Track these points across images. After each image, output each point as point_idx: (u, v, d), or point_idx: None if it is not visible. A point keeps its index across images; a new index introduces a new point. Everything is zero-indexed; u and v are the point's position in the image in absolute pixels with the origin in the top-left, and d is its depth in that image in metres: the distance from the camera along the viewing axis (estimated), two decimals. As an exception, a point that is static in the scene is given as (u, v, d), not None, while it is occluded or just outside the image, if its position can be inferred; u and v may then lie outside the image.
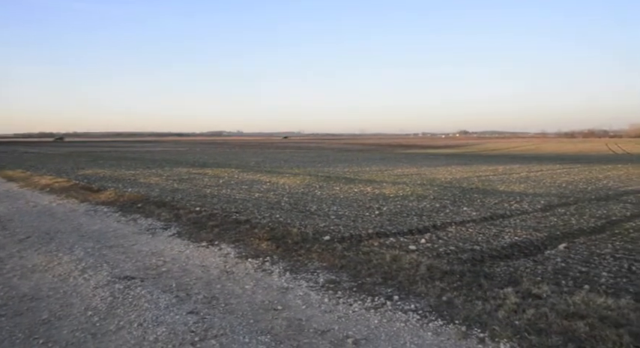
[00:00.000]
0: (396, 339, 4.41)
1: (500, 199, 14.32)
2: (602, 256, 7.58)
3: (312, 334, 4.54)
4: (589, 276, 6.46)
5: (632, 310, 4.86)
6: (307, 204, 12.98)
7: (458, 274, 6.17)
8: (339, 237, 8.52)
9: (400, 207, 12.59)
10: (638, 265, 7.06)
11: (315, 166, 31.45)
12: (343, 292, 5.69)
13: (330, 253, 7.35)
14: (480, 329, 4.53)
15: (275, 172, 24.63)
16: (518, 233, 9.28)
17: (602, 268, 6.92)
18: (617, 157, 60.76)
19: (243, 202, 13.24)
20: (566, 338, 4.27)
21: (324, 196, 14.86)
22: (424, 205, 13.02)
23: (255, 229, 9.28)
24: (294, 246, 7.87)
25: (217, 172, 23.84)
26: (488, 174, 26.62)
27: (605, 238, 9.05)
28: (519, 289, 5.58)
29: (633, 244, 8.52)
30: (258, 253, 7.58)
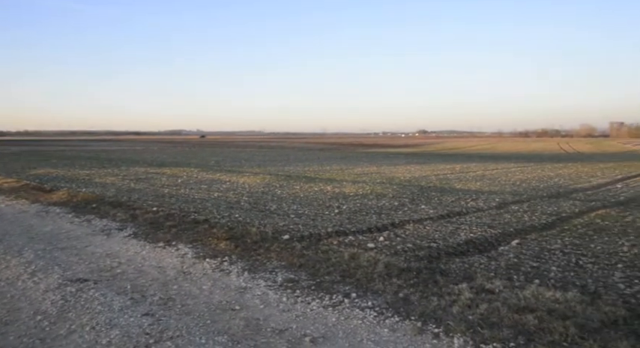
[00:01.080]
0: (353, 336, 4.45)
1: (457, 197, 14.65)
2: (552, 252, 7.87)
3: (270, 333, 4.53)
4: (539, 271, 6.69)
5: (578, 303, 5.07)
6: (267, 203, 12.92)
7: (415, 271, 6.28)
8: (298, 236, 8.53)
9: (360, 205, 12.71)
10: (585, 260, 7.36)
11: (275, 165, 31.35)
12: (302, 290, 5.69)
13: (289, 252, 7.34)
14: (435, 325, 4.62)
15: (235, 172, 24.41)
16: (474, 230, 9.53)
17: (551, 262, 7.18)
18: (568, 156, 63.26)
19: (202, 201, 13.06)
20: (516, 331, 4.42)
21: (284, 195, 14.83)
22: (383, 203, 13.18)
23: (214, 228, 9.17)
24: (253, 245, 7.82)
25: (176, 172, 23.43)
26: (446, 172, 27.19)
27: (555, 234, 9.40)
28: (473, 285, 5.73)
29: (581, 239, 8.88)
30: (217, 253, 7.50)
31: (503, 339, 4.24)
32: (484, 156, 56.63)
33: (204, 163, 32.14)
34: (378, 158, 45.39)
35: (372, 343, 4.30)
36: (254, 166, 29.83)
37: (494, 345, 4.15)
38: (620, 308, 4.99)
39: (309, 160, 39.30)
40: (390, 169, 29.76)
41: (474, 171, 28.79)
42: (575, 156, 64.85)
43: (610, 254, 7.73)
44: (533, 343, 4.16)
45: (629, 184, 22.30)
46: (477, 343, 4.19)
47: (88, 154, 47.79)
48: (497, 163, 37.83)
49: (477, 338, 4.27)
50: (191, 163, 31.52)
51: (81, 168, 26.16)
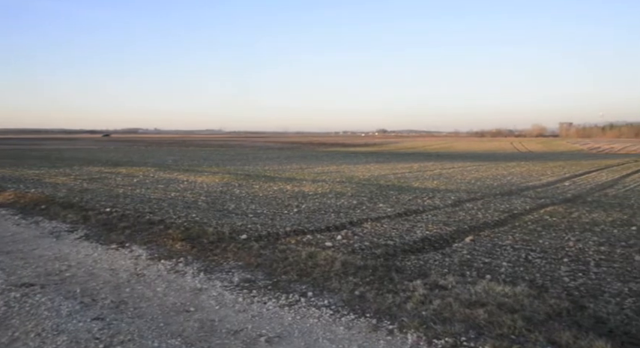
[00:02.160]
0: (309, 335, 4.46)
1: (414, 196, 14.91)
2: (504, 248, 8.12)
3: (225, 334, 4.48)
4: (491, 266, 6.90)
5: (526, 297, 5.26)
6: (225, 203, 12.79)
7: (371, 269, 6.35)
8: (256, 235, 8.48)
9: (319, 204, 12.75)
10: (534, 255, 7.64)
11: (235, 165, 31.06)
12: (258, 290, 5.66)
13: (247, 251, 7.29)
14: (389, 321, 4.69)
15: (193, 171, 24.04)
16: (430, 228, 9.72)
17: (503, 258, 7.41)
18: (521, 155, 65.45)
19: (158, 201, 12.79)
20: (467, 326, 4.53)
21: (243, 194, 14.71)
22: (342, 202, 13.27)
23: (170, 229, 9.00)
24: (210, 246, 7.72)
25: (132, 171, 22.86)
26: (404, 171, 27.62)
27: (507, 230, 9.71)
28: (427, 281, 5.84)
29: (530, 235, 9.20)
30: (172, 253, 7.36)
31: (455, 333, 4.35)
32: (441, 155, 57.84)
33: (161, 163, 31.50)
34: (338, 157, 45.64)
35: (328, 342, 4.32)
36: (213, 166, 29.45)
37: (446, 340, 4.24)
38: (564, 300, 5.21)
39: (269, 159, 39.13)
40: (349, 168, 29.98)
41: (432, 170, 29.37)
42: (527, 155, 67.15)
43: (557, 249, 8.05)
44: (483, 337, 4.28)
45: (576, 181, 23.27)
46: (429, 339, 4.28)
47: (39, 153, 46.01)
48: (453, 162, 38.70)
49: (429, 333, 4.36)
50: (148, 163, 30.83)
51: (29, 168, 25.14)
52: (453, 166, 33.28)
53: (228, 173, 22.89)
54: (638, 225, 10.40)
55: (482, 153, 71.77)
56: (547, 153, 75.69)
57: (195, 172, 23.50)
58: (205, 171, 24.31)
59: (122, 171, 23.02)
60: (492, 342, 4.12)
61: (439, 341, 4.21)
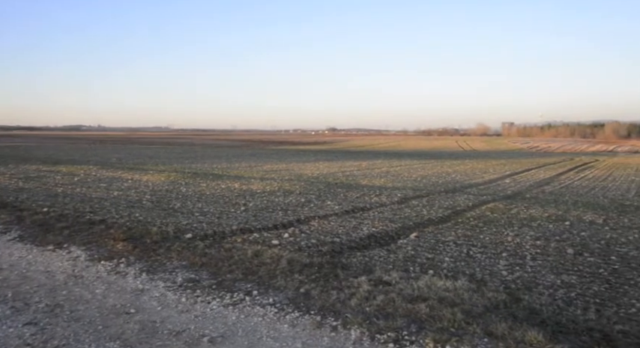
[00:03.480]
0: (253, 334, 4.42)
1: (361, 193, 15.09)
2: (446, 243, 8.36)
3: (167, 335, 4.38)
4: (434, 262, 7.08)
5: (465, 290, 5.43)
6: (171, 201, 12.50)
7: (317, 266, 6.38)
8: (201, 234, 8.34)
9: (267, 202, 12.68)
10: (475, 250, 7.91)
11: (182, 163, 30.43)
12: (202, 290, 5.56)
13: (191, 251, 7.15)
14: (333, 318, 4.72)
15: (138, 169, 23.35)
16: (376, 225, 9.87)
17: (445, 253, 7.62)
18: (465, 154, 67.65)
19: (99, 201, 12.33)
20: (409, 320, 4.63)
21: (189, 193, 14.43)
22: (290, 200, 13.25)
23: (111, 229, 8.70)
24: (153, 245, 7.52)
25: (72, 170, 21.93)
26: (352, 169, 27.93)
27: (450, 226, 9.99)
28: (372, 277, 5.93)
29: (472, 231, 9.52)
30: (113, 254, 7.11)
31: (397, 328, 4.43)
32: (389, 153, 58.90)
33: (104, 161, 30.41)
34: (287, 155, 45.60)
35: (272, 340, 4.31)
36: (159, 164, 28.74)
37: (388, 334, 4.31)
38: (501, 293, 5.42)
39: (217, 157, 38.59)
40: (298, 166, 30.01)
41: (380, 168, 29.85)
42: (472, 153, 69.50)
43: (497, 244, 8.36)
44: (424, 331, 4.38)
45: (516, 179, 24.30)
46: (372, 334, 4.34)
47: (-30, 150, 43.36)
48: (401, 160, 39.49)
49: (372, 329, 4.42)
50: (90, 161, 29.67)
51: (-40, 166, 23.65)
52: (400, 164, 33.95)
53: (175, 171, 22.40)
54: (571, 220, 10.97)
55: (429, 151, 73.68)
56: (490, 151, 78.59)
57: (141, 170, 22.84)
58: (151, 169, 23.67)
59: (62, 169, 22.05)
60: (432, 335, 4.22)
61: (381, 336, 4.28)
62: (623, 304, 5.31)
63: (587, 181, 24.53)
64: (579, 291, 5.80)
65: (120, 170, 22.20)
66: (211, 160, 33.99)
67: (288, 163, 32.11)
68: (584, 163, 41.79)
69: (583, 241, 8.78)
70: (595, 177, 27.75)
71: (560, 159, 49.52)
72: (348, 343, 4.24)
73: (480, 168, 31.92)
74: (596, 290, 5.84)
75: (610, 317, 4.84)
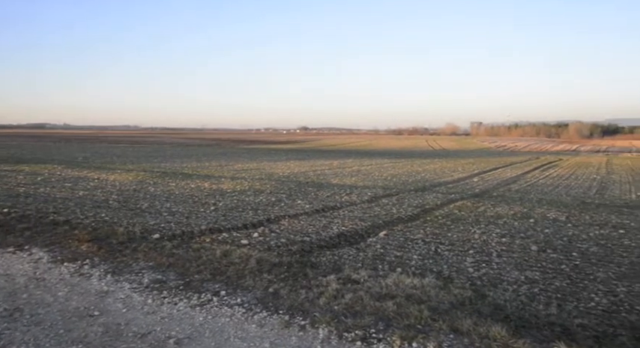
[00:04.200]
0: (220, 334, 4.38)
1: (332, 192, 15.13)
2: (415, 241, 8.45)
3: (132, 338, 4.29)
4: (402, 259, 7.15)
5: (433, 288, 5.50)
6: (138, 201, 12.27)
7: (286, 266, 6.37)
8: (169, 234, 8.22)
9: (237, 202, 12.59)
10: (443, 247, 8.02)
11: (151, 162, 29.94)
12: (169, 291, 5.48)
13: (159, 251, 7.04)
14: (302, 317, 4.72)
15: (105, 168, 22.85)
16: (346, 223, 9.91)
17: (414, 251, 7.71)
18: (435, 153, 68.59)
19: (64, 201, 12.01)
20: (377, 318, 4.67)
21: (157, 192, 14.20)
22: (260, 199, 13.19)
23: (76, 230, 8.48)
24: (119, 246, 7.37)
25: (36, 169, 21.30)
26: (323, 168, 27.99)
27: (419, 224, 10.12)
28: (341, 276, 5.95)
29: (440, 229, 9.65)
30: (77, 256, 6.93)
31: (365, 326, 4.46)
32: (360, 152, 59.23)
33: (70, 160, 29.66)
34: (258, 154, 45.36)
35: (239, 340, 4.27)
36: (127, 163, 28.20)
37: (356, 333, 4.33)
38: (467, 290, 5.51)
39: (187, 156, 38.10)
40: (269, 165, 29.90)
41: (351, 167, 29.99)
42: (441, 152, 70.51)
43: (464, 242, 8.51)
44: (391, 328, 4.42)
45: (484, 178, 24.78)
46: (340, 332, 4.35)
47: None
48: (372, 159, 39.76)
49: (340, 327, 4.44)
50: (55, 160, 28.89)
51: None
52: (371, 163, 34.18)
53: (144, 171, 22.02)
54: (535, 217, 11.25)
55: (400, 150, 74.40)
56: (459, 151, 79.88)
57: (108, 169, 22.36)
58: (119, 168, 23.21)
59: (25, 169, 21.39)
60: (399, 333, 4.26)
61: (349, 335, 4.30)
62: (583, 299, 5.47)
63: (552, 180, 25.20)
64: (542, 286, 5.94)
65: (86, 169, 21.69)
66: (181, 159, 33.55)
67: (260, 162, 31.95)
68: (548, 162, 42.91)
69: (547, 238, 9.01)
70: (559, 175, 28.53)
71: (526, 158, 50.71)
72: (316, 342, 4.24)
73: (449, 167, 32.42)
74: (558, 286, 6.00)
75: (570, 311, 4.98)
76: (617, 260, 7.38)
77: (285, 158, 38.77)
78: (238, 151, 55.15)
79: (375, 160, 39.70)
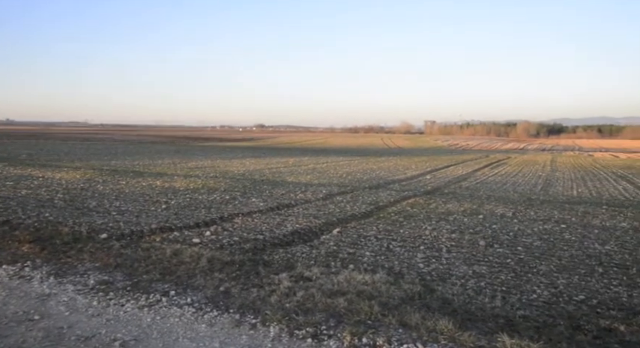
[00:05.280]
0: (169, 335, 4.28)
1: (287, 190, 15.10)
2: (368, 238, 8.55)
3: (74, 342, 4.13)
4: (355, 256, 7.22)
5: (383, 283, 5.58)
6: (86, 200, 11.86)
7: (238, 264, 6.30)
8: (118, 234, 7.98)
9: (189, 200, 12.37)
10: (395, 244, 8.15)
11: (101, 159, 28.99)
12: (116, 292, 5.31)
13: (106, 252, 6.82)
14: (253, 316, 4.67)
15: (51, 166, 21.94)
16: (300, 221, 9.91)
17: (366, 248, 7.80)
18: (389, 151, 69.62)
19: (4, 200, 11.46)
20: (328, 315, 4.68)
21: (107, 191, 13.76)
22: (214, 197, 13.01)
23: (17, 230, 8.10)
24: (64, 247, 7.08)
25: (-26, 167, 20.22)
26: (279, 166, 27.88)
27: (372, 221, 10.24)
28: (293, 274, 5.94)
29: (393, 225, 9.80)
30: (17, 257, 6.61)
31: (316, 323, 4.46)
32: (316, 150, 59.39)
33: (12, 157, 28.33)
34: (213, 152, 44.72)
35: (188, 341, 4.19)
36: (75, 160, 27.20)
37: (307, 330, 4.33)
38: (417, 285, 5.62)
39: (139, 154, 37.12)
40: (224, 162, 29.54)
41: (306, 164, 30.02)
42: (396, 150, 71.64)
43: (415, 238, 8.68)
44: (342, 324, 4.45)
45: (437, 175, 25.34)
46: (291, 330, 4.34)
47: None
48: (327, 157, 39.93)
49: (291, 325, 4.42)
50: (-4, 157, 27.52)
51: None
52: (327, 161, 34.34)
53: (92, 169, 21.31)
54: (484, 214, 11.60)
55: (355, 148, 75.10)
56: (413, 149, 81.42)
57: (54, 167, 21.49)
58: (66, 166, 22.34)
59: (-38, 166, 20.28)
60: (350, 328, 4.29)
61: (300, 332, 4.29)
62: (526, 291, 5.69)
63: (500, 177, 26.06)
64: (488, 280, 6.13)
65: (30, 167, 20.76)
66: (133, 157, 32.64)
67: (214, 160, 31.49)
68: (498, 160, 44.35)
69: (494, 233, 9.30)
70: (507, 173, 29.53)
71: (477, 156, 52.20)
72: (266, 340, 4.21)
73: (403, 165, 32.98)
74: (503, 279, 6.21)
75: (514, 304, 5.16)
76: (559, 254, 7.72)
77: (241, 156, 38.39)
78: (193, 148, 54.21)
79: (330, 157, 39.89)
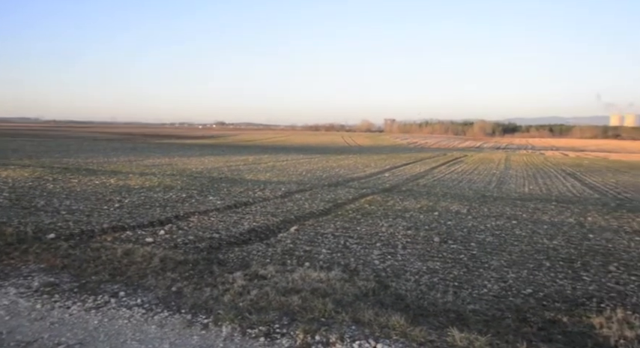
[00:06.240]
0: (117, 337, 4.16)
1: (245, 188, 14.96)
2: (325, 236, 8.56)
3: (14, 347, 3.95)
4: (311, 254, 7.21)
5: (338, 281, 5.59)
6: (34, 199, 11.39)
7: (192, 263, 6.19)
8: (67, 234, 7.70)
9: (144, 198, 12.08)
10: (352, 241, 8.19)
11: (52, 157, 27.93)
12: (62, 294, 5.11)
13: (52, 252, 6.55)
14: (205, 315, 4.59)
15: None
16: (257, 219, 9.83)
17: (323, 245, 7.81)
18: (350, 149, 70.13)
19: (-56, 199, 10.88)
20: (282, 313, 4.65)
21: (57, 189, 13.26)
22: (170, 195, 12.75)
23: (-44, 231, 7.70)
24: (7, 248, 6.76)
25: None
26: (238, 164, 27.60)
27: (330, 219, 10.26)
28: (248, 272, 5.87)
29: (350, 223, 9.86)
30: (-45, 260, 6.28)
31: (269, 322, 4.43)
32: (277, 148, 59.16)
33: (-45, 154, 26.94)
34: (171, 149, 43.88)
35: (137, 343, 4.07)
36: (24, 158, 26.10)
37: (260, 328, 4.29)
38: (371, 281, 5.66)
39: (93, 151, 36.02)
40: (182, 160, 29.02)
41: (266, 162, 29.85)
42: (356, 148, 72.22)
43: (372, 235, 8.75)
44: (295, 322, 4.43)
45: (395, 173, 25.68)
46: (244, 329, 4.28)
47: None
48: (288, 155, 39.84)
49: (244, 324, 4.37)
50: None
51: None
52: (287, 159, 34.26)
53: (42, 166, 20.50)
54: (440, 210, 11.82)
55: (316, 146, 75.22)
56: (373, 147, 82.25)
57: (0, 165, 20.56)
58: (13, 164, 21.41)
59: None
60: (303, 326, 4.28)
61: (253, 331, 4.25)
62: (477, 286, 5.83)
63: (457, 175, 26.65)
64: (441, 276, 6.25)
65: (-26, 165, 19.80)
66: (86, 154, 31.62)
67: (172, 158, 30.88)
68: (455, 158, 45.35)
69: (449, 229, 9.49)
70: (463, 171, 30.24)
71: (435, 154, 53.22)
72: (218, 340, 4.14)
73: (362, 162, 33.26)
74: (455, 274, 6.34)
75: (464, 298, 5.28)
76: (509, 249, 7.95)
77: (200, 154, 37.79)
78: (150, 145, 52.98)
79: (290, 155, 39.81)
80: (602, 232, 9.85)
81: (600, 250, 8.19)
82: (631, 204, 15.64)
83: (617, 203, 15.67)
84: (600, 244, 8.62)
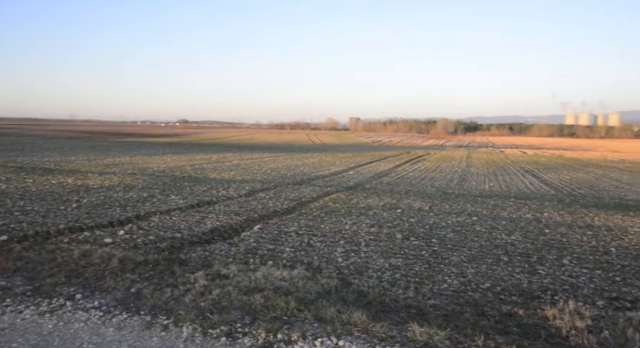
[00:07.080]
0: (72, 342, 4.04)
1: (209, 187, 14.78)
2: (289, 234, 8.54)
3: (-38, 354, 3.79)
4: (275, 252, 7.18)
5: (301, 279, 5.59)
6: (-15, 200, 10.94)
7: (152, 264, 6.07)
8: (20, 236, 7.42)
9: (103, 198, 11.77)
10: (316, 239, 8.20)
11: (5, 156, 26.91)
12: (13, 298, 4.92)
13: (4, 255, 6.30)
14: (165, 316, 4.51)
15: (-54, 163, 20.06)
16: (220, 218, 9.72)
17: (287, 244, 7.78)
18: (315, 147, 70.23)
19: None
20: (244, 312, 4.62)
21: (10, 190, 12.78)
22: (131, 195, 12.47)
23: None
24: (-45, 251, 6.49)
25: None
26: (202, 162, 27.26)
27: (294, 217, 10.25)
28: (210, 272, 5.81)
29: (314, 221, 9.87)
30: None
31: (231, 321, 4.39)
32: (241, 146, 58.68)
33: None
34: (133, 148, 42.94)
35: (94, 346, 3.97)
36: (-25, 157, 25.04)
37: (221, 328, 4.25)
38: (334, 279, 5.69)
39: (50, 150, 34.87)
40: (144, 159, 28.45)
41: (230, 161, 29.59)
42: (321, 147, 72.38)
43: (335, 233, 8.78)
44: (257, 321, 4.40)
45: (359, 171, 25.88)
46: (205, 329, 4.23)
47: None
48: (252, 153, 39.59)
49: (205, 324, 4.32)
50: None
51: None
52: (251, 157, 34.04)
53: (-5, 166, 19.70)
54: (402, 208, 11.97)
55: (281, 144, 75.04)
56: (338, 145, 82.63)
57: (-51, 164, 19.66)
58: (-37, 163, 20.50)
59: None
60: (265, 325, 4.26)
61: (214, 331, 4.20)
62: (437, 281, 5.93)
63: (420, 173, 27.08)
64: (403, 272, 6.33)
65: None
66: (43, 153, 30.60)
67: (133, 157, 30.23)
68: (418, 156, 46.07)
69: (411, 226, 9.62)
70: (426, 168, 30.75)
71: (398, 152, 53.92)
72: (179, 341, 4.08)
73: (327, 161, 33.37)
74: (417, 270, 6.43)
75: (425, 294, 5.37)
76: (469, 244, 8.12)
77: (162, 152, 37.12)
78: (110, 144, 51.66)
79: (255, 154, 39.58)
80: (557, 227, 10.19)
81: (555, 244, 8.47)
82: (584, 200, 16.25)
83: (572, 199, 16.25)
84: (555, 239, 8.92)
